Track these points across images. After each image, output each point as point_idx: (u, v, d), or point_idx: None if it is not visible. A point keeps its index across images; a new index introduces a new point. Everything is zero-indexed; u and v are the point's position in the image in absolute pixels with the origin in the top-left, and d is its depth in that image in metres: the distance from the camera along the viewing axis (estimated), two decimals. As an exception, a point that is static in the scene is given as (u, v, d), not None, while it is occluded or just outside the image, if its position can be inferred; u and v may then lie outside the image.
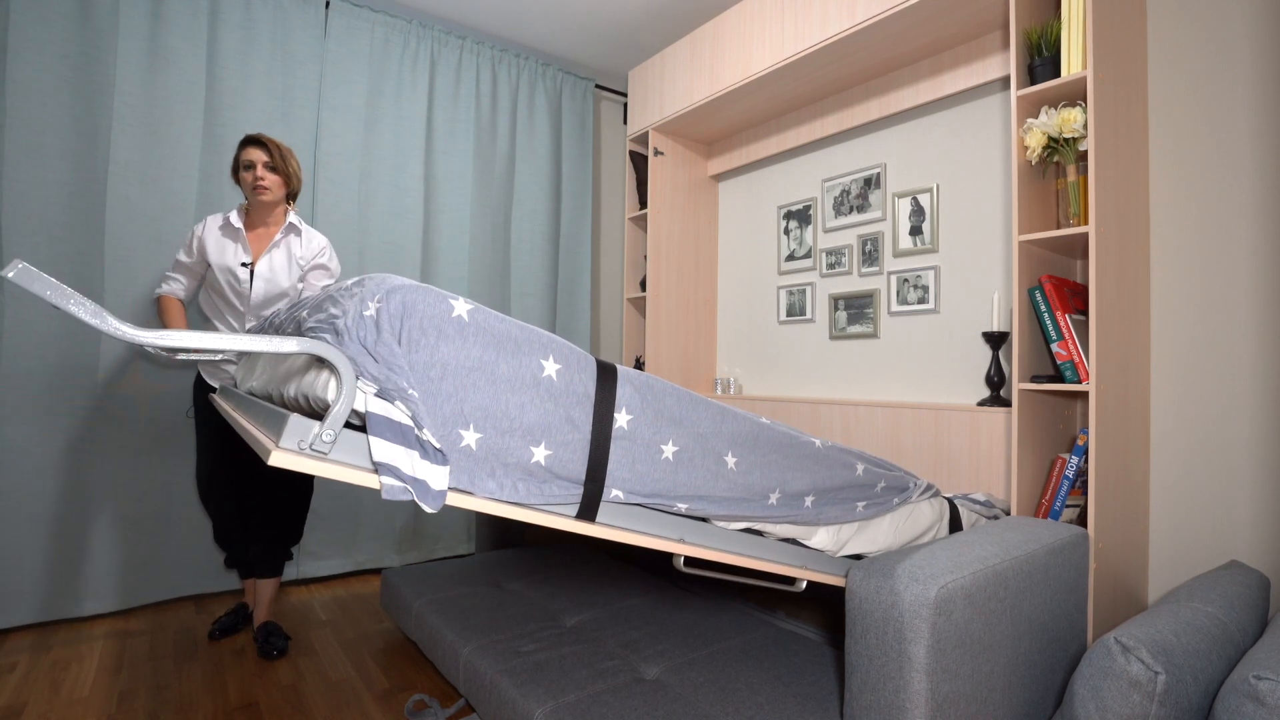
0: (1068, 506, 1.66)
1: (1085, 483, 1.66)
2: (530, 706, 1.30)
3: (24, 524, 2.20)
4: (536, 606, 1.83)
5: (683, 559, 1.21)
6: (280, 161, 2.02)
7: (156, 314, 2.08)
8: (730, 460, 1.11)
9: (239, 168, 2.03)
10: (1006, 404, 1.95)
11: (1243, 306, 1.64)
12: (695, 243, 3.06)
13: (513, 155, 3.27)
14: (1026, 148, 1.67)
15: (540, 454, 0.92)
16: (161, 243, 2.40)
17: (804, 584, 1.29)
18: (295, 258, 2.08)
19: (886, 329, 2.40)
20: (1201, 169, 1.71)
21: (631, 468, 1.00)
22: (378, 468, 0.79)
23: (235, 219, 2.04)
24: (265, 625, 2.05)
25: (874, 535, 1.35)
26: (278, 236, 2.07)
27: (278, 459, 0.75)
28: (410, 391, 0.80)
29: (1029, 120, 1.65)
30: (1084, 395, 1.86)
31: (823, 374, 2.63)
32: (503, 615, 1.76)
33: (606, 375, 0.99)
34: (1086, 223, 1.59)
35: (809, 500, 1.22)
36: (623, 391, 1.00)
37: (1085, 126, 1.57)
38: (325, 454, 0.79)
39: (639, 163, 3.08)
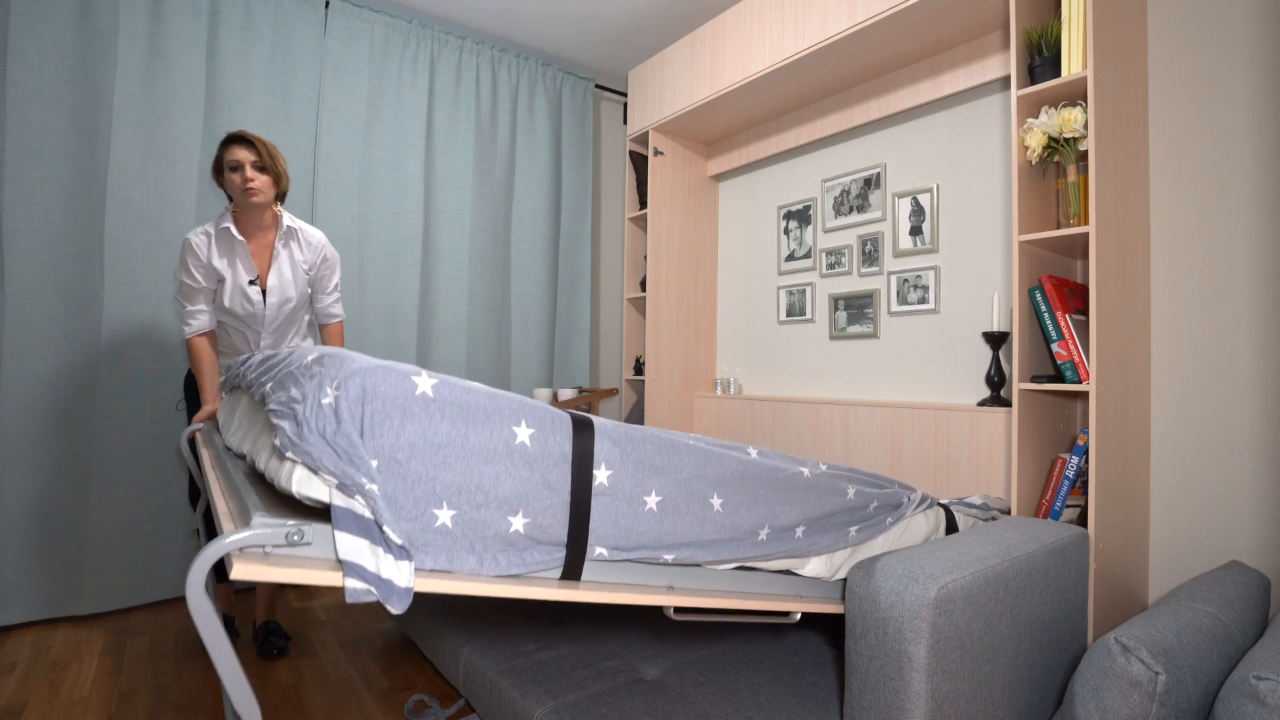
0: (1068, 506, 1.66)
1: (1085, 483, 1.66)
2: (530, 706, 1.30)
3: (24, 522, 2.20)
4: (536, 606, 1.83)
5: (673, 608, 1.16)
6: (269, 160, 1.90)
7: (189, 358, 1.98)
8: (716, 502, 1.09)
9: (223, 168, 1.90)
10: (1006, 404, 1.95)
11: (1243, 306, 1.64)
12: (695, 243, 3.06)
13: (513, 155, 3.27)
14: (1026, 148, 1.67)
15: (519, 522, 0.90)
16: (161, 243, 2.40)
17: (798, 616, 1.26)
18: (299, 263, 2.02)
19: (886, 329, 2.40)
20: (1201, 169, 1.71)
21: (615, 523, 0.98)
22: (343, 566, 0.76)
23: (234, 229, 1.92)
24: (265, 625, 2.06)
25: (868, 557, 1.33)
26: (278, 246, 1.99)
27: (241, 572, 0.71)
28: (370, 487, 0.77)
29: (1029, 120, 1.65)
30: (1084, 395, 1.86)
31: (823, 374, 2.62)
32: (503, 615, 1.76)
33: (583, 432, 0.96)
34: (1086, 223, 1.59)
35: (800, 531, 1.20)
36: (600, 447, 0.97)
37: (1085, 126, 1.57)
38: (292, 560, 0.75)
39: (639, 163, 3.08)
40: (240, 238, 1.93)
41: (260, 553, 0.74)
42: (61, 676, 1.87)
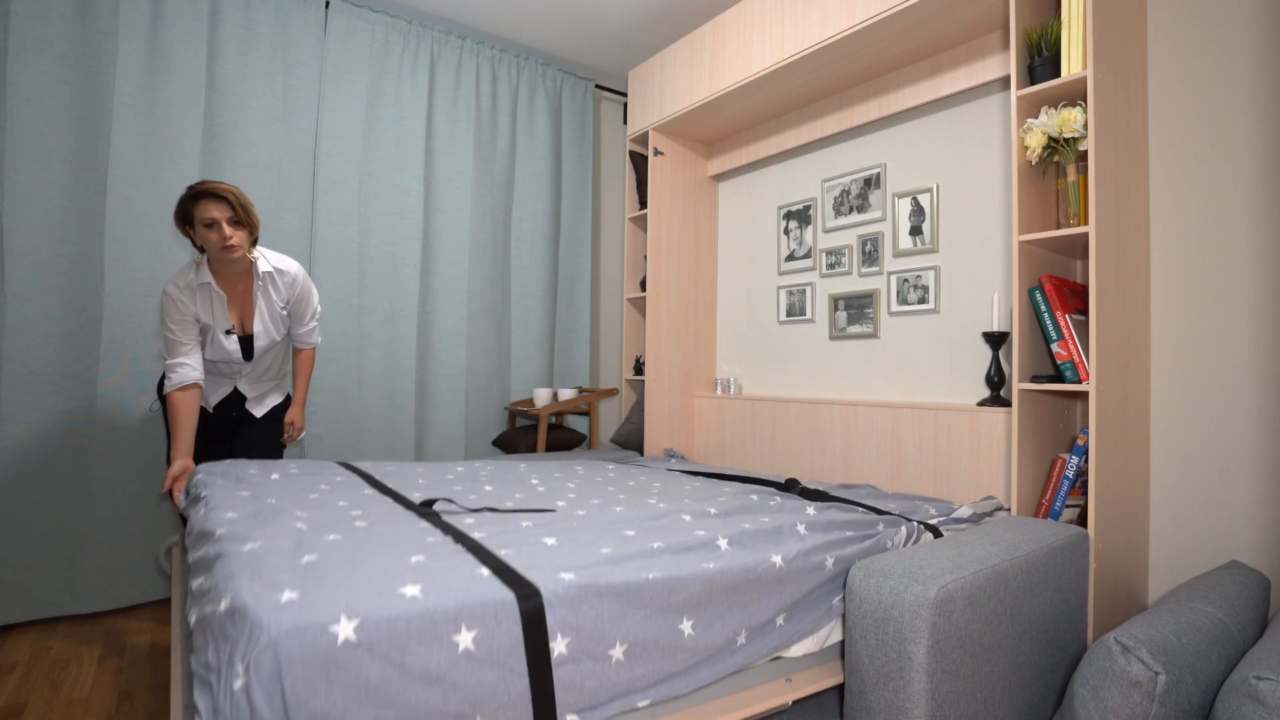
0: (1068, 506, 1.66)
1: (1085, 483, 1.66)
2: (530, 707, 1.30)
3: (25, 521, 2.20)
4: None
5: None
6: (243, 213, 1.82)
7: (166, 413, 1.92)
8: (686, 627, 1.04)
9: (193, 221, 1.81)
10: (1006, 404, 1.95)
11: (1243, 306, 1.64)
12: (695, 243, 3.06)
13: (513, 155, 3.27)
14: (1026, 148, 1.67)
15: None
16: (161, 244, 2.40)
17: (790, 701, 1.23)
18: (276, 304, 2.01)
19: (886, 329, 2.40)
20: (1201, 169, 1.71)
21: (582, 687, 0.94)
22: None
23: (216, 284, 1.89)
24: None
25: None
26: (257, 293, 1.96)
27: None
28: None
29: (1029, 120, 1.65)
30: (1084, 395, 1.86)
31: (823, 374, 2.62)
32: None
33: (531, 607, 0.91)
34: (1086, 223, 1.59)
35: (780, 619, 1.17)
36: (554, 617, 0.93)
37: (1085, 126, 1.57)
38: None
39: (639, 163, 3.08)
40: (221, 292, 1.91)
41: None
42: (61, 676, 1.87)
